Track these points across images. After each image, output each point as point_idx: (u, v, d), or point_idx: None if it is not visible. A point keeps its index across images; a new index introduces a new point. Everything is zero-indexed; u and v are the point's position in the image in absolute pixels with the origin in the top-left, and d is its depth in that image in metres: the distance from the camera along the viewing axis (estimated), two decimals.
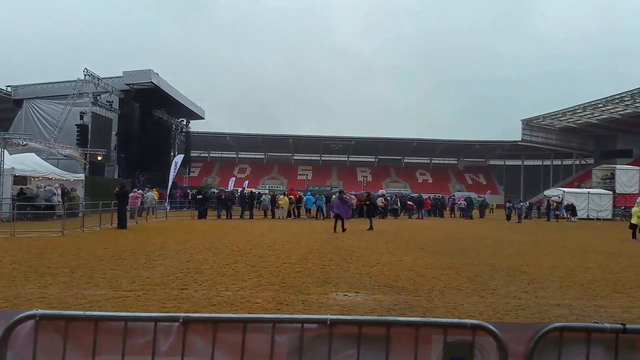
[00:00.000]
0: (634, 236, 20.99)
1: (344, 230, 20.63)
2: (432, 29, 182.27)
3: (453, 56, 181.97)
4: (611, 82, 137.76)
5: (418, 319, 2.46)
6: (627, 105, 59.68)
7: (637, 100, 57.33)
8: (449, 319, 2.35)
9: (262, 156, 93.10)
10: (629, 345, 2.32)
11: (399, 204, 37.23)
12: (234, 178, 63.02)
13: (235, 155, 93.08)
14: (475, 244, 17.31)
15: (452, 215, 41.25)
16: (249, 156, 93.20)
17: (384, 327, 2.38)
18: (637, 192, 43.58)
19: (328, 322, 2.33)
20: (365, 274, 10.12)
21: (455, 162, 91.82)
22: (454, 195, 54.94)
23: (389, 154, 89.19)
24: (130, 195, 24.10)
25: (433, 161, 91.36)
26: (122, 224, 20.48)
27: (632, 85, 73.31)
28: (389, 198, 37.32)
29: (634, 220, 21.36)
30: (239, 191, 38.03)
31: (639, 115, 61.72)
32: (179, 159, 37.62)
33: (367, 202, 26.49)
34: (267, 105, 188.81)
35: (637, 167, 49.25)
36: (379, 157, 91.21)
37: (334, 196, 26.52)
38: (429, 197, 43.87)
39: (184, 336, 2.34)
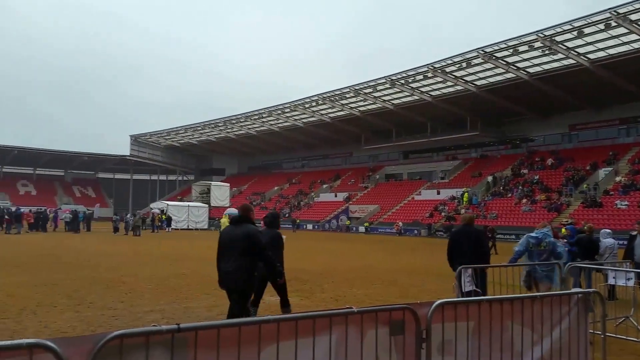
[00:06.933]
0: None
1: None
2: None
3: None
4: None
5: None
6: (220, 130, 68.66)
7: (228, 127, 66.64)
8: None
9: None
10: (182, 344, 2.54)
11: None
12: None
13: None
14: (77, 258, 16.96)
15: (56, 228, 38.50)
16: None
17: None
18: (228, 205, 50.10)
19: None
20: None
21: (62, 173, 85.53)
22: (59, 208, 51.38)
23: None
24: None
25: (37, 172, 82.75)
26: None
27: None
28: None
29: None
30: None
31: (229, 139, 72.07)
32: None
33: None
34: None
35: (228, 184, 57.14)
36: None
37: None
38: (30, 210, 40.01)
39: None
